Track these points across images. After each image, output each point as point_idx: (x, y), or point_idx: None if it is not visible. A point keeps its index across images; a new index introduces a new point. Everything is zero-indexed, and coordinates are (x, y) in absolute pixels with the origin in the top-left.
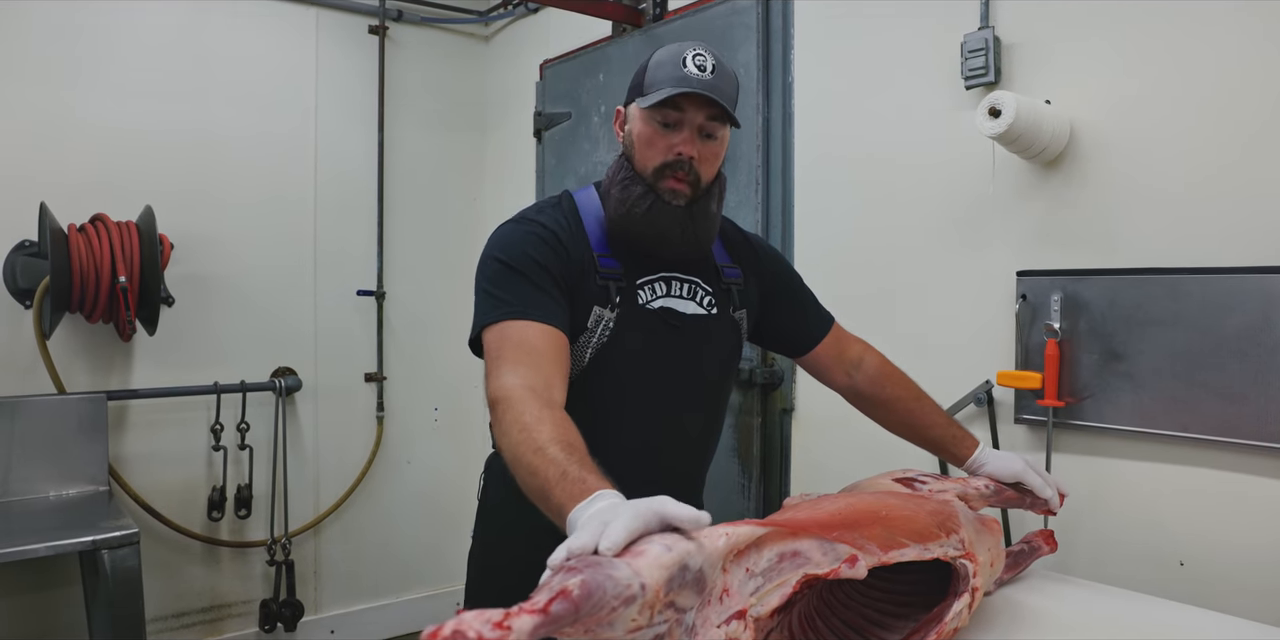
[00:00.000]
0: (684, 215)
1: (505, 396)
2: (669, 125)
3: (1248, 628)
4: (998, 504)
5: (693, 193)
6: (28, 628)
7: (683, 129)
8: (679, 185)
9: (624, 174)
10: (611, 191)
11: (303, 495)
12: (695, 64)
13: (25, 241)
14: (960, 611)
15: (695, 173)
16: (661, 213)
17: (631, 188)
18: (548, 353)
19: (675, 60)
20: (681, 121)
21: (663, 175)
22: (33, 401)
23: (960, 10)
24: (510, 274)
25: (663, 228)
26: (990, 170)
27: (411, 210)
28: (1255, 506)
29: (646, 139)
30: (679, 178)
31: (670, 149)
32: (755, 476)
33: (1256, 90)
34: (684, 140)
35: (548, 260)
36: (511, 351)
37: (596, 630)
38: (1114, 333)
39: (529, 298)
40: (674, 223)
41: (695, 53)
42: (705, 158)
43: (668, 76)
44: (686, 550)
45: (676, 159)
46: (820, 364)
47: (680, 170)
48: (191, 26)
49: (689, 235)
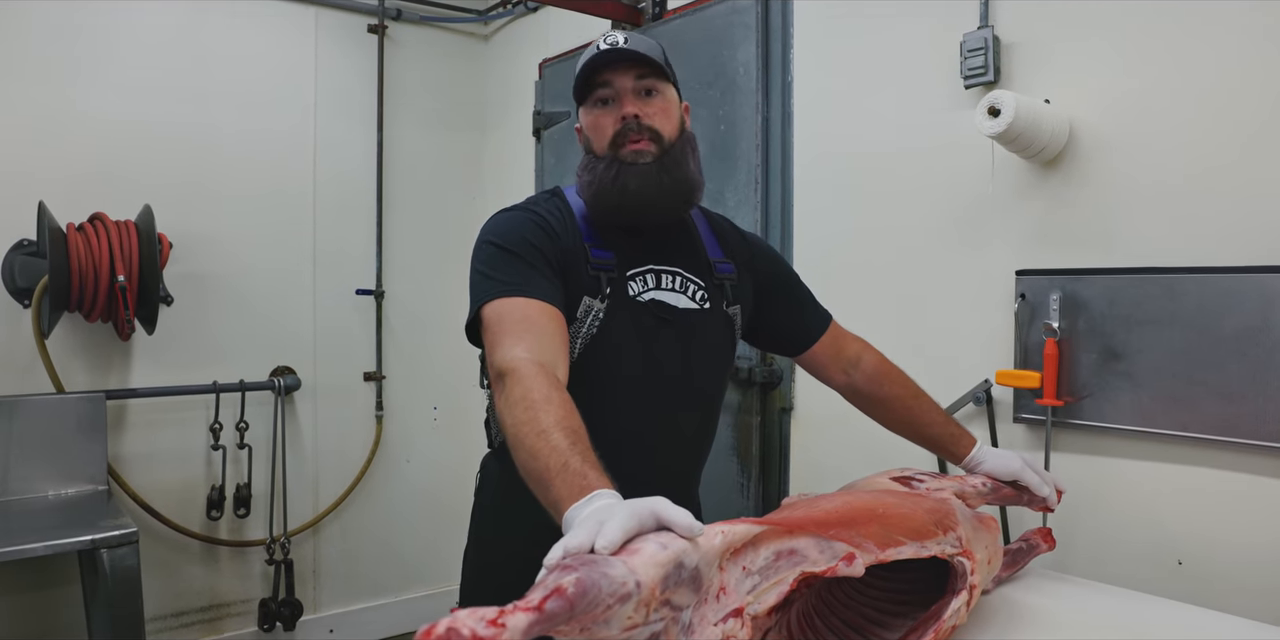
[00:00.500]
0: (655, 169)
1: (513, 369)
2: (606, 102)
3: (1246, 627)
4: (995, 502)
5: (658, 149)
6: (27, 627)
7: (619, 98)
8: (638, 145)
9: (587, 162)
10: (581, 182)
11: (302, 494)
12: (608, 42)
13: (24, 240)
14: (958, 609)
15: (651, 129)
16: (629, 174)
17: (594, 166)
18: (548, 327)
19: (591, 50)
20: (614, 94)
21: (619, 144)
22: (31, 401)
23: (959, 10)
24: (506, 256)
25: (635, 188)
26: (989, 170)
27: (411, 209)
28: (1254, 506)
29: (593, 123)
30: (634, 139)
31: (615, 120)
32: (754, 475)
33: (1256, 90)
34: (620, 104)
35: (542, 243)
36: (515, 325)
37: (592, 628)
38: (1113, 332)
39: (526, 277)
40: (646, 180)
41: (608, 35)
42: (652, 113)
43: (590, 59)
44: (682, 548)
45: (623, 124)
46: (818, 362)
47: (632, 131)
48: (191, 25)
49: (665, 189)
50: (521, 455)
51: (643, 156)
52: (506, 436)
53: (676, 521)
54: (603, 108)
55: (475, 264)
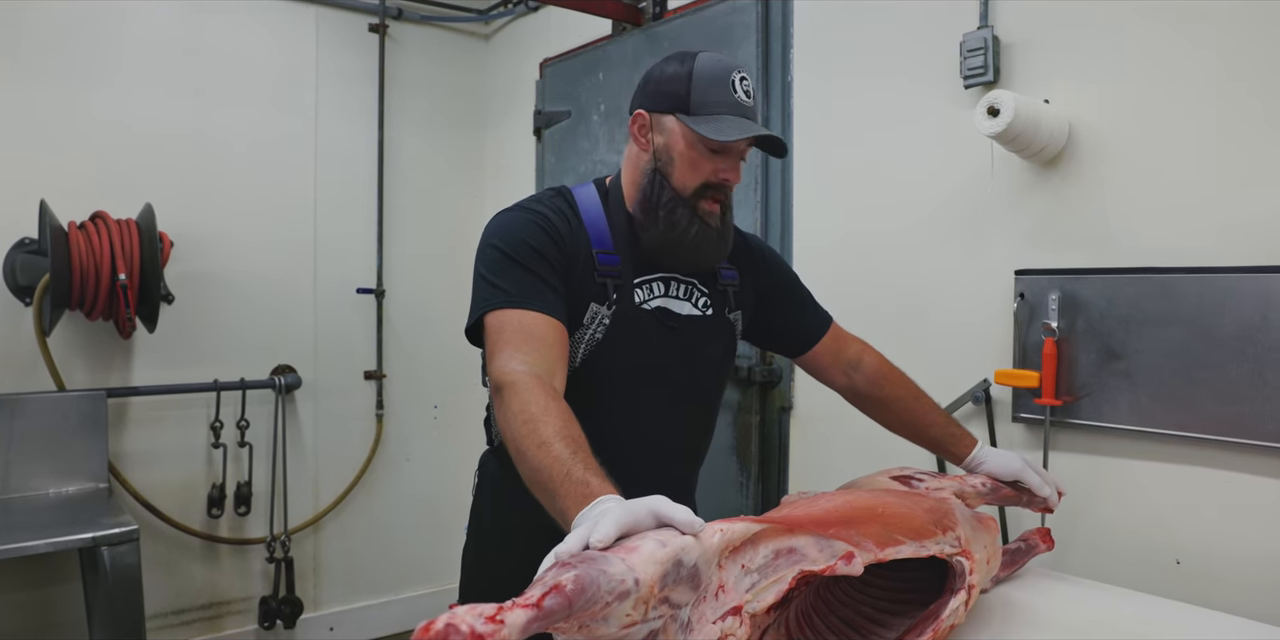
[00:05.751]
0: (719, 236)
1: (511, 382)
2: (717, 152)
3: (1243, 626)
4: (995, 502)
5: (724, 215)
6: (27, 624)
7: (730, 156)
8: (714, 206)
9: (666, 195)
10: (648, 207)
11: (302, 493)
12: (743, 89)
13: (25, 239)
14: (957, 609)
15: (729, 194)
16: (704, 236)
17: (677, 211)
18: (548, 338)
19: (724, 82)
20: (730, 149)
21: (702, 195)
22: (33, 399)
23: (959, 9)
24: (510, 263)
25: (704, 249)
26: (989, 169)
27: (411, 208)
28: (1252, 505)
29: (691, 161)
30: (716, 199)
31: (716, 173)
32: (753, 474)
33: (1254, 90)
34: (730, 167)
35: (547, 249)
36: (514, 336)
37: (591, 625)
38: (1111, 332)
39: (529, 287)
40: (713, 246)
41: (740, 75)
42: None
43: (720, 101)
44: (681, 546)
45: (720, 182)
46: (819, 364)
47: (721, 193)
48: (192, 24)
49: (720, 253)
50: (525, 468)
51: (713, 219)
52: (509, 448)
53: (677, 518)
54: (710, 155)
55: (479, 267)
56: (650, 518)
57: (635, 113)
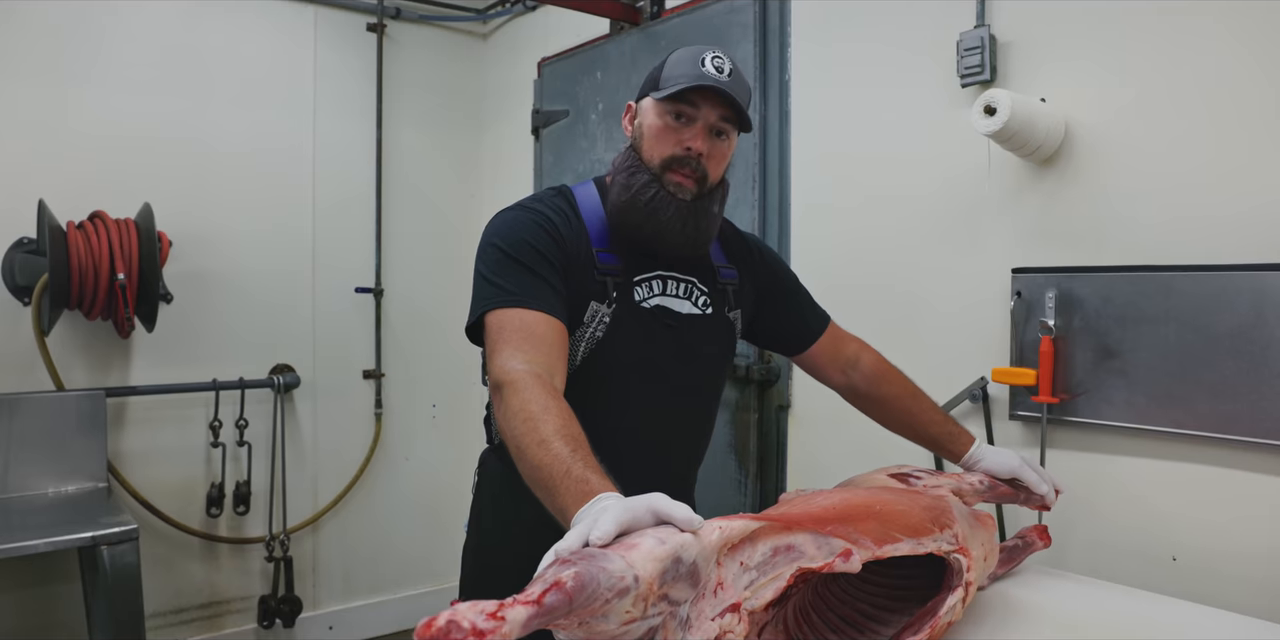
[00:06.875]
0: (686, 210)
1: (511, 381)
2: (681, 118)
3: (1240, 622)
4: (992, 499)
5: (697, 190)
6: (27, 624)
7: (695, 124)
8: (684, 180)
9: (630, 163)
10: (616, 179)
11: (301, 492)
12: (714, 65)
13: (24, 239)
14: (954, 605)
15: (702, 169)
16: (664, 204)
17: (637, 176)
18: (548, 337)
19: (694, 59)
20: (695, 117)
21: (669, 168)
22: (32, 398)
23: (956, 9)
24: (510, 262)
25: (663, 221)
26: (986, 168)
27: (410, 207)
28: (1248, 502)
29: (657, 131)
30: (685, 173)
31: (680, 143)
32: (751, 472)
33: (1251, 88)
34: (695, 135)
35: (547, 248)
36: (514, 335)
37: (591, 622)
38: (1108, 330)
39: (529, 287)
40: (675, 217)
41: (714, 54)
42: (713, 155)
43: (685, 73)
44: (680, 543)
45: (685, 153)
46: (817, 363)
47: (688, 166)
48: (190, 24)
49: (688, 231)
50: (525, 466)
51: (682, 192)
52: (509, 447)
53: (676, 515)
54: (676, 122)
55: (479, 266)
56: (649, 515)
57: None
